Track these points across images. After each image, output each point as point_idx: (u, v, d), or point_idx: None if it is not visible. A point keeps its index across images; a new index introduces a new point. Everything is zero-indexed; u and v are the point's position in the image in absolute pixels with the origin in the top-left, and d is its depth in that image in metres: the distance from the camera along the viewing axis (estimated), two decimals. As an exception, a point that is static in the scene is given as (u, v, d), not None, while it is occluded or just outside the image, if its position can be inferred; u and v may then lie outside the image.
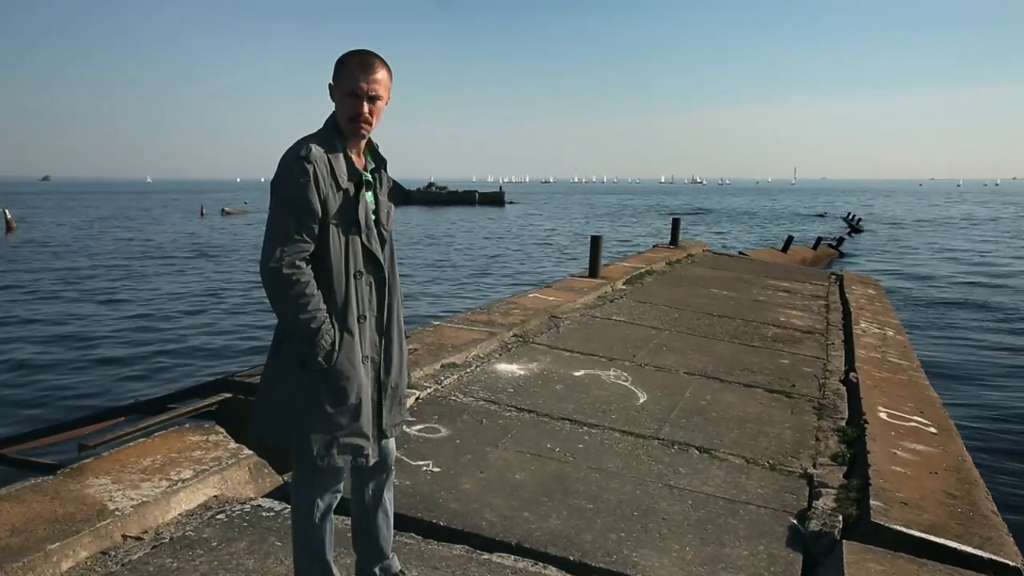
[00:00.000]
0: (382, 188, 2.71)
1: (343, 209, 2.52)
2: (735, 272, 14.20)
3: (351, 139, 2.61)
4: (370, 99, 2.52)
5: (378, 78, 2.52)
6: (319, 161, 2.48)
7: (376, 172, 2.70)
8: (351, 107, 2.52)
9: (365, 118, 2.54)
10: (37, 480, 3.70)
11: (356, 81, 2.50)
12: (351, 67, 2.52)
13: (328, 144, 2.56)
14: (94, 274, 23.92)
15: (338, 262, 2.54)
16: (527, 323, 7.87)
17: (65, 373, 11.40)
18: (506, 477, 4.25)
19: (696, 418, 5.44)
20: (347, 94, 2.52)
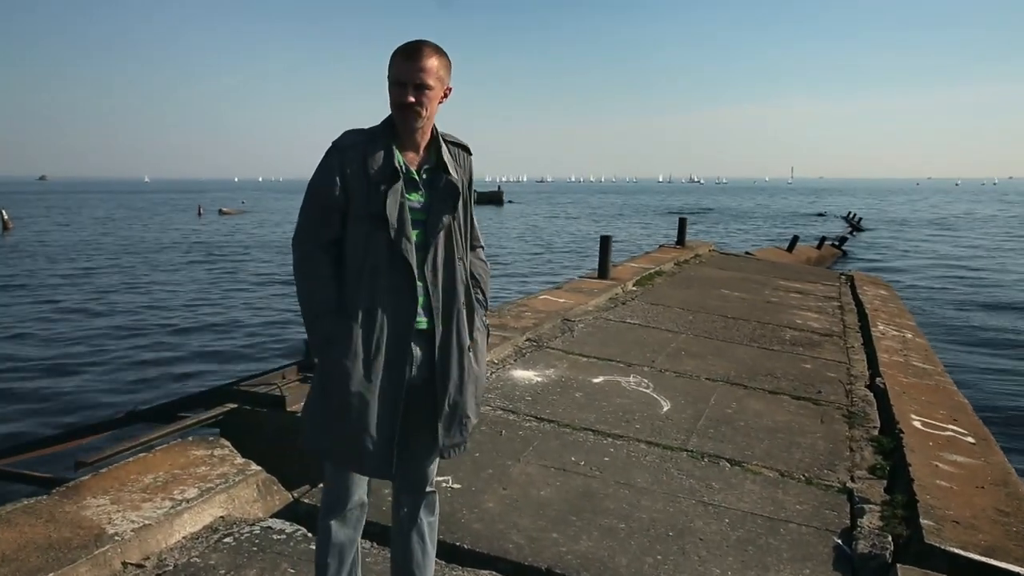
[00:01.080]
0: (436, 189, 2.48)
1: (370, 203, 2.36)
2: (744, 272, 13.96)
3: (404, 132, 2.44)
4: (416, 88, 2.35)
5: (425, 65, 2.34)
6: (350, 150, 2.39)
7: (433, 172, 2.49)
8: (395, 96, 2.38)
9: (411, 107, 2.36)
10: (30, 501, 3.44)
11: (400, 69, 2.36)
12: (398, 56, 2.37)
13: (371, 135, 2.43)
14: (90, 275, 23.65)
15: (353, 255, 2.41)
16: (540, 327, 7.61)
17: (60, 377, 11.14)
18: (531, 494, 3.99)
19: (724, 428, 5.19)
20: (394, 83, 2.38)
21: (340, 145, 2.42)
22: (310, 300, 2.45)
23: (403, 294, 2.40)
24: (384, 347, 2.41)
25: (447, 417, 2.52)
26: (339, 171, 2.39)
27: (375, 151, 2.38)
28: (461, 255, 2.54)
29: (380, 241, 2.38)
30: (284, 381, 4.88)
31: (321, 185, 2.43)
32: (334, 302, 2.43)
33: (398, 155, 2.41)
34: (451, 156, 2.52)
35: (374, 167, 2.37)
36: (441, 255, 2.48)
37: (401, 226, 2.38)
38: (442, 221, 2.46)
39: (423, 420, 2.54)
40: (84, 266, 26.24)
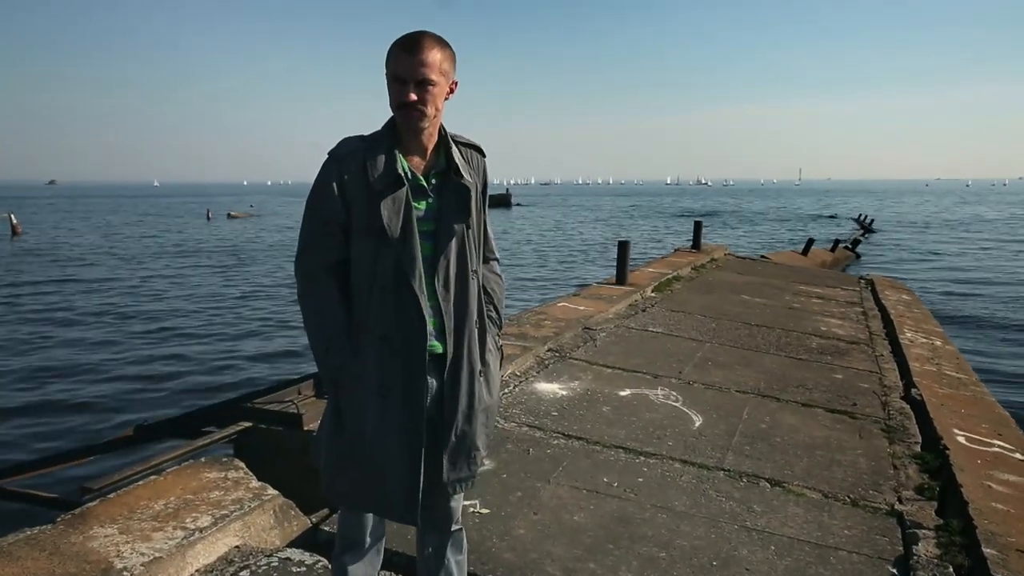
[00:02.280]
0: (447, 196, 2.24)
1: (372, 216, 2.11)
2: (763, 277, 13.71)
3: (408, 134, 2.18)
4: (418, 84, 2.09)
5: (426, 59, 2.08)
6: (348, 159, 2.15)
7: (443, 176, 2.24)
8: (395, 94, 2.12)
9: (413, 106, 2.11)
10: (33, 531, 3.22)
11: (400, 64, 2.10)
12: (396, 50, 2.10)
13: (371, 141, 2.18)
14: (98, 281, 23.52)
15: (358, 274, 2.18)
16: (561, 336, 7.38)
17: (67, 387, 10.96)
18: (563, 519, 3.76)
19: (760, 444, 4.95)
20: (392, 79, 2.12)
21: (337, 154, 2.18)
22: (318, 329, 2.23)
23: (415, 317, 2.15)
24: (400, 379, 2.17)
25: (453, 449, 2.29)
26: (338, 183, 2.15)
27: (376, 158, 2.14)
28: (475, 268, 2.30)
29: (387, 258, 2.14)
30: (300, 397, 4.67)
31: (320, 200, 2.20)
32: (344, 330, 2.20)
33: (402, 160, 2.17)
34: (462, 157, 2.28)
35: (375, 175, 2.12)
36: (454, 269, 2.23)
37: (407, 239, 2.14)
38: (454, 230, 2.22)
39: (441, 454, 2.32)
40: (92, 272, 26.13)
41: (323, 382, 2.26)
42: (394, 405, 2.18)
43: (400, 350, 2.17)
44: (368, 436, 2.19)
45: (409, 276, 2.14)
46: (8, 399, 10.27)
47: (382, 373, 2.17)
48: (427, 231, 2.20)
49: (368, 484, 2.24)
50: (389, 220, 2.12)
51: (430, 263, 2.20)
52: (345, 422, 2.22)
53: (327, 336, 2.20)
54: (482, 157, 2.38)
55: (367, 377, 2.18)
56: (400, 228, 2.13)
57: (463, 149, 2.31)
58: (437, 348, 2.22)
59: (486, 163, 2.39)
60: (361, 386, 2.18)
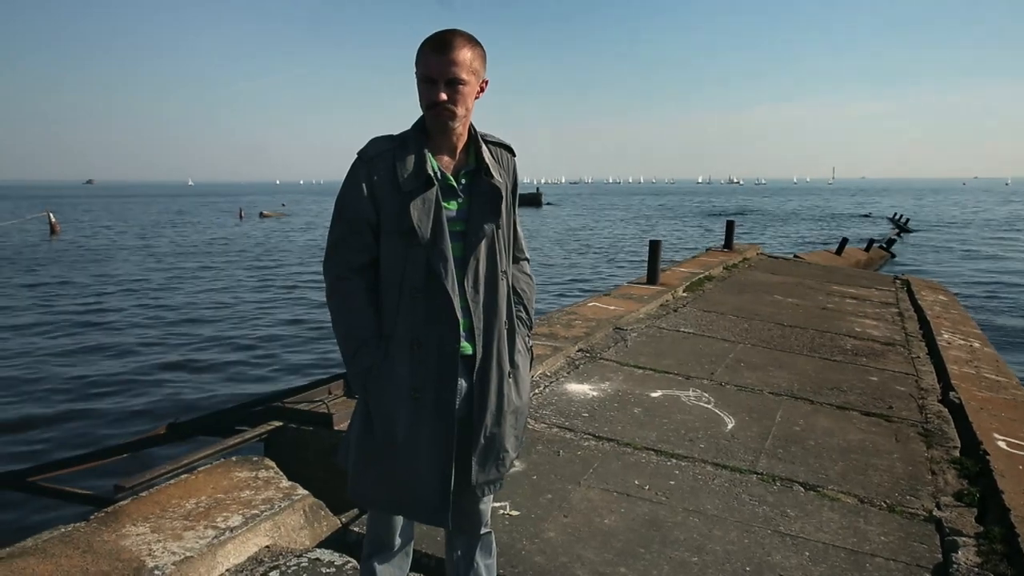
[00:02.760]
0: (477, 196, 2.21)
1: (402, 217, 2.09)
2: (796, 277, 13.55)
3: (438, 134, 2.16)
4: (448, 84, 2.06)
5: (457, 58, 2.05)
6: (378, 160, 2.13)
7: (473, 175, 2.21)
8: (425, 93, 2.09)
9: (443, 106, 2.08)
10: (67, 528, 3.24)
11: (430, 64, 2.07)
12: (426, 49, 2.08)
13: (400, 141, 2.16)
14: (132, 279, 23.82)
15: (388, 276, 2.16)
16: (592, 336, 7.34)
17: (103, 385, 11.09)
18: (594, 522, 3.73)
19: (793, 448, 4.87)
20: (422, 79, 2.09)
21: (366, 155, 2.16)
22: (347, 332, 2.21)
23: (446, 319, 2.13)
24: (431, 382, 2.15)
25: (482, 451, 2.26)
26: (367, 184, 2.14)
27: (405, 158, 2.11)
28: (504, 268, 2.27)
29: (417, 259, 2.12)
30: (330, 397, 4.67)
31: (348, 202, 2.19)
32: (373, 332, 2.18)
33: (431, 160, 2.14)
34: (493, 157, 2.24)
35: (404, 176, 2.10)
36: (483, 269, 2.20)
37: (437, 240, 2.11)
38: (484, 230, 2.18)
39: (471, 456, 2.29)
40: (127, 270, 26.49)
41: (352, 384, 2.24)
42: (425, 407, 2.16)
43: (431, 352, 2.14)
44: (398, 438, 2.17)
45: (441, 277, 2.11)
46: (43, 397, 10.42)
47: (412, 375, 2.15)
48: (457, 232, 2.18)
49: (398, 486, 2.22)
50: (419, 221, 2.09)
51: (460, 264, 2.17)
52: (375, 424, 2.21)
53: (355, 338, 2.19)
54: (512, 156, 2.34)
55: (397, 379, 2.16)
56: (431, 229, 2.11)
57: (493, 148, 2.28)
58: (467, 349, 2.19)
59: (516, 162, 2.36)
60: (391, 388, 2.17)
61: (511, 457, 2.35)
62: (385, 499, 2.27)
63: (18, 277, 23.93)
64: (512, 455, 2.35)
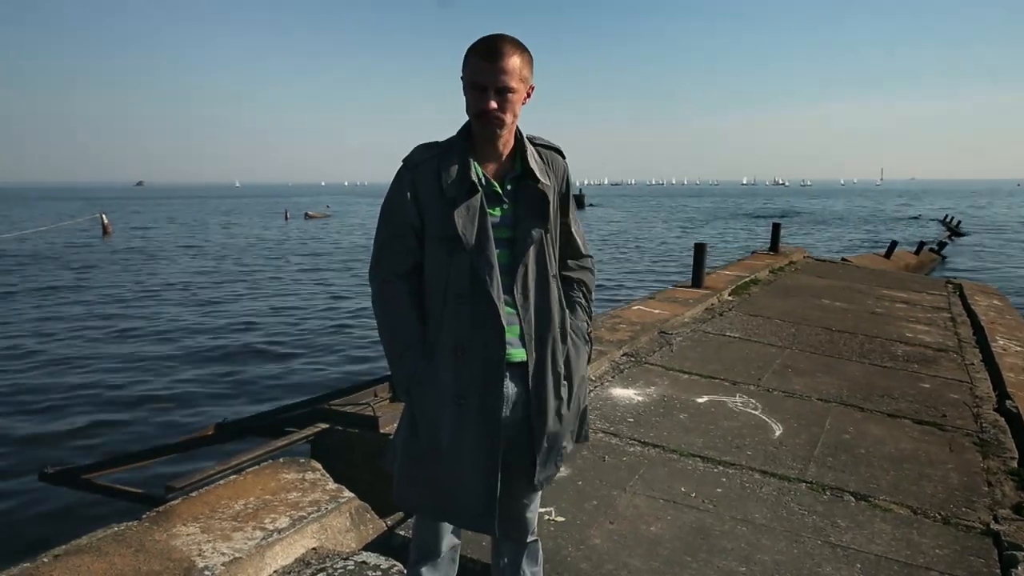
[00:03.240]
0: (523, 201, 2.19)
1: (446, 223, 2.09)
2: (844, 280, 13.31)
3: (484, 141, 2.15)
4: (497, 91, 2.05)
5: (506, 66, 2.04)
6: (422, 167, 2.13)
7: (519, 181, 2.20)
8: (474, 101, 2.08)
9: (492, 114, 2.07)
10: (120, 527, 3.31)
11: (480, 71, 2.05)
12: (475, 55, 2.06)
13: (445, 148, 2.15)
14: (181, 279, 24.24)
15: (433, 282, 2.15)
16: (637, 340, 7.29)
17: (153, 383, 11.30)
18: (640, 529, 3.69)
19: (843, 456, 4.79)
20: (471, 86, 2.08)
21: (411, 162, 2.17)
22: (392, 337, 2.21)
23: (491, 325, 2.11)
24: (476, 388, 2.14)
25: (545, 452, 2.27)
26: (411, 191, 2.14)
27: (450, 165, 2.11)
28: (555, 272, 2.25)
29: (462, 265, 2.11)
30: (376, 400, 4.70)
31: (393, 207, 2.20)
32: (418, 337, 2.18)
33: (476, 167, 2.13)
34: (540, 161, 2.22)
35: (448, 182, 2.10)
36: (532, 275, 2.19)
37: (482, 246, 2.10)
38: (531, 236, 2.16)
39: (521, 461, 2.28)
40: (176, 270, 26.98)
41: (397, 388, 2.27)
42: (470, 413, 2.15)
43: (476, 358, 2.14)
44: (443, 444, 2.17)
45: (486, 283, 2.11)
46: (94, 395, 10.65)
47: (457, 381, 2.15)
48: (503, 238, 2.17)
49: (442, 492, 2.22)
50: (463, 228, 2.09)
51: (508, 270, 2.16)
52: (420, 429, 2.21)
53: (400, 342, 2.20)
54: (562, 159, 2.33)
55: (441, 385, 2.16)
56: (475, 235, 2.10)
57: (543, 151, 2.27)
58: (520, 355, 2.18)
59: (567, 164, 2.34)
60: (435, 394, 2.17)
61: (568, 449, 2.37)
62: (429, 505, 2.28)
63: (72, 276, 24.50)
64: (570, 448, 2.37)
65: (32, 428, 9.14)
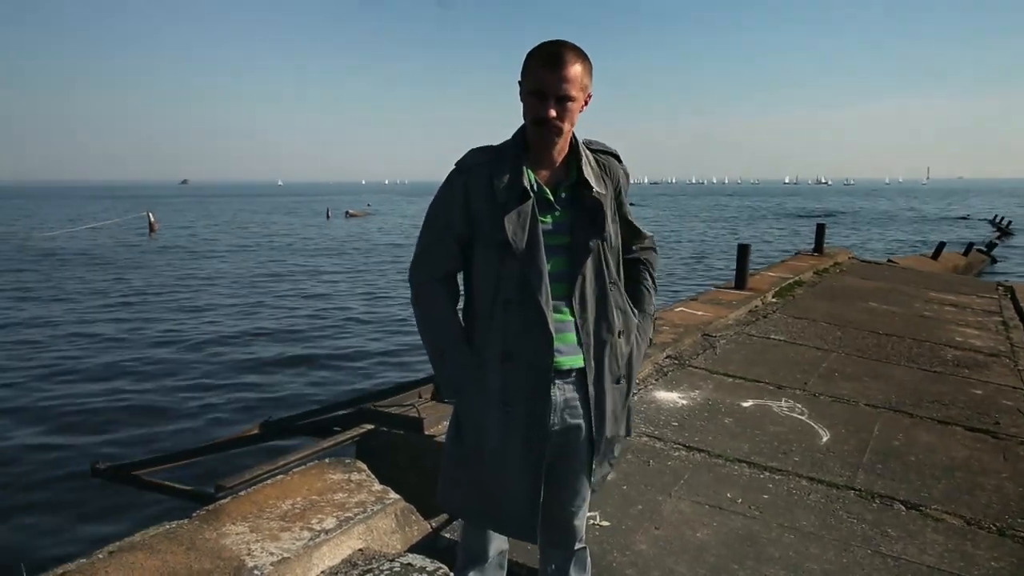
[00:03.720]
0: (580, 210, 2.18)
1: (497, 229, 2.08)
2: (890, 283, 13.09)
3: (539, 148, 2.13)
4: (558, 100, 2.04)
5: (568, 74, 2.02)
6: (475, 171, 2.12)
7: (574, 189, 2.18)
8: (534, 109, 2.07)
9: (551, 122, 2.05)
10: (171, 525, 3.35)
11: (541, 79, 2.03)
12: (536, 62, 2.05)
13: (499, 153, 2.14)
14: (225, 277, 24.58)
15: (482, 287, 2.15)
16: (680, 342, 7.23)
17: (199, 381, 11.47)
18: (686, 535, 3.66)
19: (892, 463, 4.70)
20: (531, 93, 2.06)
21: (463, 166, 2.16)
22: (431, 338, 2.24)
23: (539, 332, 2.10)
24: (523, 395, 2.13)
25: (602, 455, 2.28)
26: (462, 195, 2.14)
27: (503, 171, 2.10)
28: (613, 279, 2.23)
29: (511, 272, 2.10)
30: (420, 401, 4.72)
31: (440, 211, 2.21)
32: (457, 338, 2.19)
33: (529, 173, 2.12)
34: (596, 167, 2.21)
35: (500, 188, 2.09)
36: (591, 283, 2.17)
37: (532, 253, 2.09)
38: (589, 246, 2.15)
39: (572, 468, 2.28)
40: (221, 267, 27.37)
41: (439, 389, 2.28)
42: (516, 420, 2.15)
43: (523, 365, 2.13)
44: (488, 449, 2.17)
45: (535, 290, 2.09)
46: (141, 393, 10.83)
47: (504, 387, 2.14)
48: (557, 245, 2.16)
49: (486, 498, 2.22)
50: (514, 234, 2.08)
51: (565, 278, 2.15)
52: (465, 433, 2.22)
53: (439, 344, 2.21)
54: (618, 163, 2.32)
55: (489, 390, 2.16)
56: (526, 242, 2.09)
57: (599, 156, 2.26)
58: (576, 362, 2.17)
59: (624, 168, 2.33)
60: (481, 399, 2.17)
61: (621, 448, 2.40)
62: (472, 509, 2.28)
63: (120, 274, 24.97)
64: (619, 450, 2.40)
65: (83, 423, 9.34)
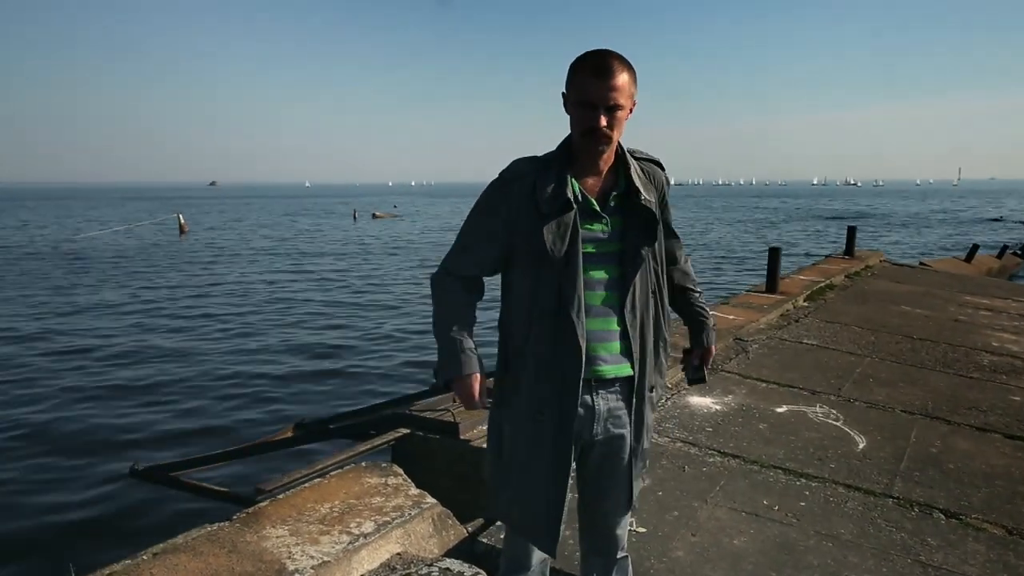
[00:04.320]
0: (631, 220, 2.18)
1: (535, 238, 2.08)
2: (923, 286, 12.94)
3: (584, 157, 2.14)
4: (607, 110, 2.03)
5: (617, 84, 2.02)
6: (518, 181, 2.12)
7: (623, 198, 2.19)
8: (584, 119, 2.06)
9: (601, 132, 2.05)
10: (212, 528, 3.40)
11: (589, 89, 2.03)
12: (584, 72, 2.04)
13: (543, 163, 2.14)
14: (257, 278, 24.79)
15: (519, 296, 2.16)
16: (712, 347, 7.20)
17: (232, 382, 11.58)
18: (722, 543, 3.65)
19: (931, 471, 4.65)
20: (579, 104, 2.06)
21: (507, 176, 2.17)
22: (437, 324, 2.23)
23: (572, 343, 2.10)
24: (553, 404, 2.14)
25: (639, 468, 2.31)
26: (504, 204, 2.14)
27: (547, 181, 2.10)
28: (655, 288, 2.24)
29: (549, 282, 2.11)
30: (455, 405, 4.74)
31: (480, 217, 2.22)
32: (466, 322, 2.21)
33: (574, 184, 2.12)
34: (642, 175, 2.21)
35: (544, 198, 2.08)
36: (639, 292, 2.18)
37: (570, 263, 2.09)
38: (641, 255, 2.16)
39: (615, 477, 2.29)
40: (252, 268, 27.60)
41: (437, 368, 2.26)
42: (547, 430, 2.16)
43: (556, 375, 2.14)
44: (521, 458, 2.20)
45: (571, 301, 2.10)
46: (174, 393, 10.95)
47: (536, 397, 2.16)
48: (607, 253, 2.17)
49: (520, 507, 2.25)
50: (553, 244, 2.09)
51: (616, 286, 2.17)
52: (502, 442, 2.26)
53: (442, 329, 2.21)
54: (661, 171, 2.32)
55: (521, 400, 2.18)
56: (564, 252, 2.10)
57: (644, 165, 2.27)
58: (624, 371, 2.19)
59: (666, 176, 2.34)
60: (517, 409, 2.19)
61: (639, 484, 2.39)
62: (512, 519, 2.31)
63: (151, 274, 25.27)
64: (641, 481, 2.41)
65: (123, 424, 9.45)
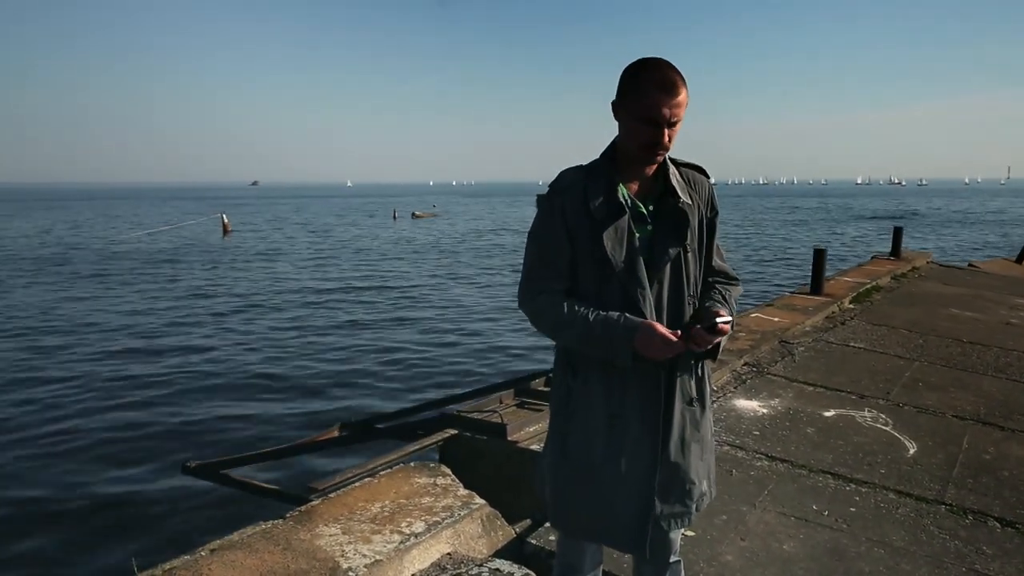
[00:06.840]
0: (662, 219, 2.17)
1: (595, 246, 2.10)
2: (972, 288, 12.70)
3: (632, 164, 2.15)
4: (670, 125, 2.03)
5: (681, 100, 2.02)
6: (569, 191, 2.13)
7: (660, 200, 2.19)
8: (648, 136, 2.05)
9: (664, 147, 2.06)
10: (266, 525, 3.47)
11: (658, 106, 2.01)
12: (650, 88, 2.01)
13: (590, 171, 2.16)
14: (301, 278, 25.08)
15: (585, 303, 2.14)
16: (757, 349, 7.16)
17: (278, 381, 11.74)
18: (772, 547, 3.63)
19: (984, 478, 4.58)
20: (643, 120, 2.04)
21: (558, 187, 2.17)
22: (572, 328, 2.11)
23: None
24: (630, 407, 2.15)
25: (664, 482, 2.20)
26: (560, 215, 2.14)
27: (597, 188, 2.11)
28: (692, 293, 2.21)
29: (613, 287, 2.12)
30: (503, 406, 4.78)
31: (542, 232, 2.20)
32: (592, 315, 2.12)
33: (622, 189, 2.14)
34: (682, 180, 2.21)
35: (596, 204, 2.10)
36: (667, 294, 2.17)
37: (631, 267, 2.10)
38: (668, 254, 2.14)
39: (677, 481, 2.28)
40: (296, 270, 27.94)
41: (614, 359, 2.10)
42: (623, 433, 2.16)
43: (631, 379, 2.14)
44: (595, 464, 2.19)
45: (638, 303, 2.10)
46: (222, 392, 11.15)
47: (610, 401, 2.16)
48: (644, 258, 2.16)
49: (596, 513, 2.24)
50: (612, 249, 2.10)
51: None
52: (570, 448, 2.23)
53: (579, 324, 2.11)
54: (706, 179, 2.30)
55: (594, 404, 2.18)
56: (624, 256, 2.11)
57: (685, 171, 2.26)
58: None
59: (711, 184, 2.32)
60: (588, 413, 2.19)
61: (699, 490, 2.27)
62: (582, 526, 2.30)
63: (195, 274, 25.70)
64: (700, 487, 2.27)
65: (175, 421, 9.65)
